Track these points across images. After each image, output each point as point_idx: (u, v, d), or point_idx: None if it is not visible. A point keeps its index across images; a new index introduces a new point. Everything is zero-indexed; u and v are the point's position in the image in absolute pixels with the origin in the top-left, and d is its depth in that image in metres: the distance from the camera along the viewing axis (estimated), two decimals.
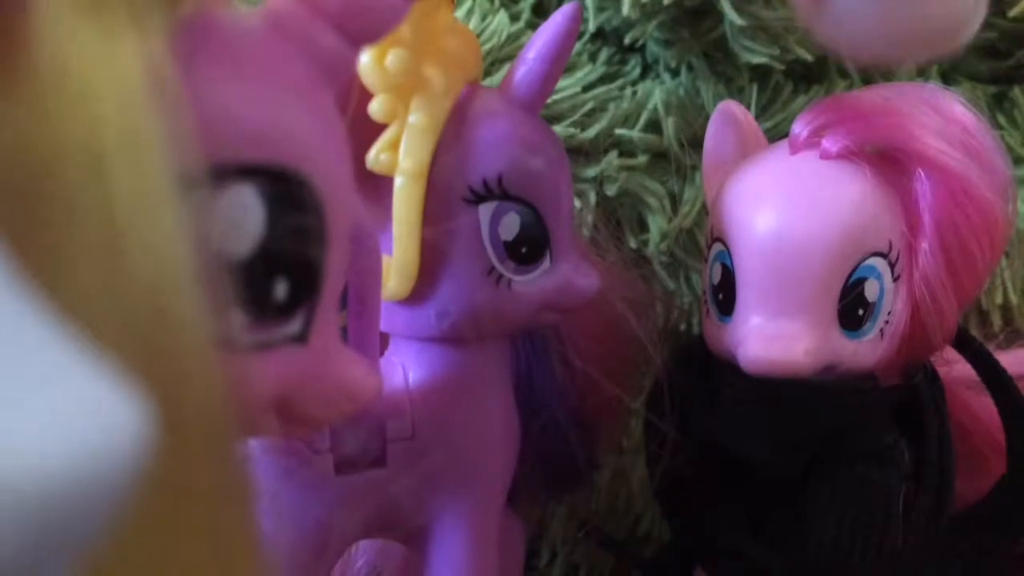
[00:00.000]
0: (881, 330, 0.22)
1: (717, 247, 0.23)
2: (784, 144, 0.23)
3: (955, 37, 0.17)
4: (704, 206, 0.29)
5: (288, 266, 0.13)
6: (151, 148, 0.11)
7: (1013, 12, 0.31)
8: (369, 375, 0.15)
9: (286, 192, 0.13)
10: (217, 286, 0.11)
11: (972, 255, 0.21)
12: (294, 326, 0.14)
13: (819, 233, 0.21)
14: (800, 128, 0.22)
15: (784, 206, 0.21)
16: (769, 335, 0.21)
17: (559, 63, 0.22)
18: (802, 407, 0.22)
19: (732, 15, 0.29)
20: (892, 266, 0.21)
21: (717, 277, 0.23)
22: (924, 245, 0.21)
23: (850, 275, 0.21)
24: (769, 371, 0.21)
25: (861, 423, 0.23)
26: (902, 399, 0.23)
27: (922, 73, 0.32)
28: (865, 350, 0.22)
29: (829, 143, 0.21)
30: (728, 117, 0.25)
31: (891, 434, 0.23)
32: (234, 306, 0.12)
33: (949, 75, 0.33)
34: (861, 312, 0.21)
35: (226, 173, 0.12)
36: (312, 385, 0.14)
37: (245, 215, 0.12)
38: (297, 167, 0.13)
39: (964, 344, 0.24)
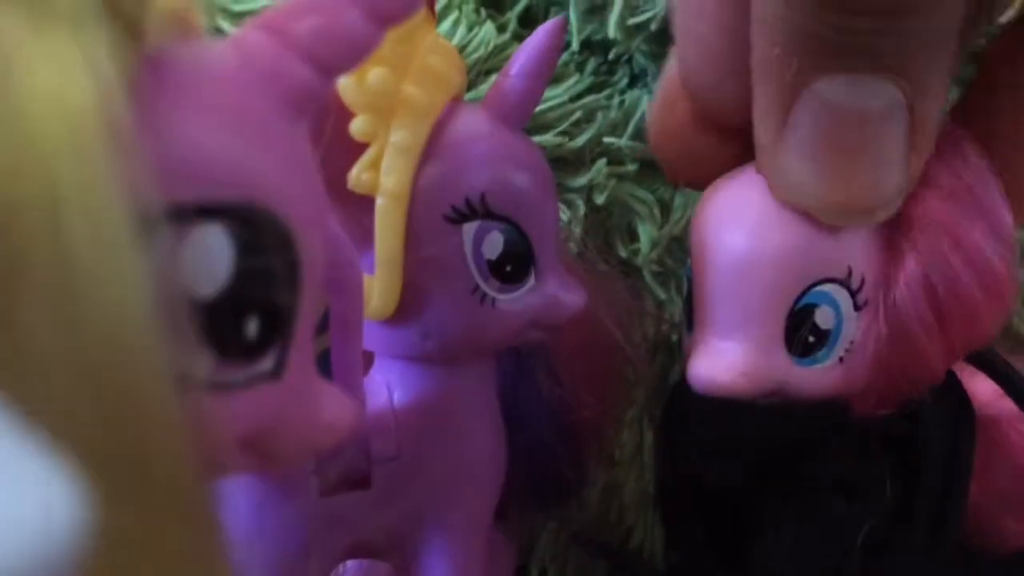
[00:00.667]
0: (841, 358, 0.20)
1: (689, 261, 0.22)
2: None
3: (878, 212, 0.19)
4: None
5: (259, 305, 0.13)
6: (108, 189, 0.10)
7: (1003, 18, 0.31)
8: (346, 408, 0.15)
9: (255, 231, 0.13)
10: (182, 328, 0.11)
11: (967, 302, 0.20)
12: (267, 363, 0.13)
13: (759, 253, 0.20)
14: None
15: (733, 223, 0.21)
16: (709, 353, 0.21)
17: (542, 79, 0.22)
18: (741, 427, 0.21)
19: None
20: (854, 294, 0.20)
21: (686, 291, 0.23)
22: (901, 279, 0.20)
23: (798, 299, 0.20)
24: (707, 390, 0.20)
25: (823, 449, 0.22)
26: (893, 430, 0.22)
27: None
28: (818, 377, 0.21)
29: None
30: None
31: (872, 465, 0.22)
32: (202, 347, 0.12)
33: None
34: (811, 339, 0.20)
35: (192, 213, 0.12)
36: (287, 422, 0.14)
37: (213, 255, 0.12)
38: (266, 205, 0.13)
39: (983, 363, 0.22)
